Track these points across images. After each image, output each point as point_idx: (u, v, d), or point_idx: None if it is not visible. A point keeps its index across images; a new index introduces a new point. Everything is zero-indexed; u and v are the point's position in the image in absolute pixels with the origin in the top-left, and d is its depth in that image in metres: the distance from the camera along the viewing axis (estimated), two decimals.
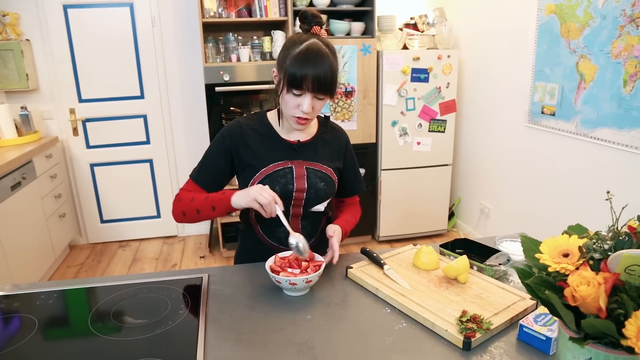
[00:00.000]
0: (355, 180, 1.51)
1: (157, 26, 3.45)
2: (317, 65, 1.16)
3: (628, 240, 0.72)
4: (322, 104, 1.25)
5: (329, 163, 1.39)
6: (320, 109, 1.26)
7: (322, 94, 1.21)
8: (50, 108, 3.43)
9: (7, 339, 1.02)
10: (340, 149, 1.43)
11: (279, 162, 1.32)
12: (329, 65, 1.18)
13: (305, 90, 1.19)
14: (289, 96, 1.21)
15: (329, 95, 1.23)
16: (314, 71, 1.16)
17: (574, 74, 2.48)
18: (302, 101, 1.20)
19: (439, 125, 3.51)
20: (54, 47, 3.32)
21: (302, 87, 1.18)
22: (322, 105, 1.25)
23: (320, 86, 1.18)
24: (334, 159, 1.41)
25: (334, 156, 1.41)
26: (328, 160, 1.39)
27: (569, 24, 2.48)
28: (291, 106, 1.22)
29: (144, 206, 3.80)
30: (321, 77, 1.17)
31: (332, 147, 1.41)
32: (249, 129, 1.35)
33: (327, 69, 1.17)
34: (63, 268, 3.36)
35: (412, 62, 3.33)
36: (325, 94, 1.21)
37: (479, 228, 3.59)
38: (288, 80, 1.18)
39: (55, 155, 3.33)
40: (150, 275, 1.31)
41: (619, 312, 0.65)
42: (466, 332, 0.96)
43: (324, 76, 1.17)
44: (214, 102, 3.22)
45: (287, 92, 1.21)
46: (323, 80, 1.17)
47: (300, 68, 1.16)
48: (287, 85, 1.19)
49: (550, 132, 2.70)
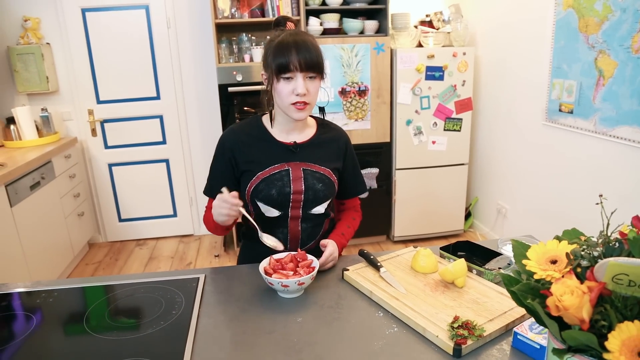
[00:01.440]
0: (355, 182, 1.48)
1: (172, 27, 3.49)
2: (297, 44, 1.19)
3: (619, 247, 0.68)
4: (316, 86, 1.25)
5: (327, 164, 1.37)
6: (316, 92, 1.26)
7: (312, 72, 1.21)
8: (70, 109, 3.51)
9: (10, 335, 1.04)
10: (339, 149, 1.42)
11: (276, 165, 1.32)
12: (309, 42, 1.21)
13: (295, 71, 1.19)
14: (281, 85, 1.22)
15: (318, 73, 1.23)
16: (296, 50, 1.18)
17: (592, 70, 2.39)
18: (295, 84, 1.21)
19: (455, 124, 3.44)
20: (72, 50, 3.40)
21: (290, 69, 1.19)
22: (315, 87, 1.25)
23: (307, 63, 1.19)
24: (333, 159, 1.40)
25: (333, 157, 1.40)
26: (326, 161, 1.37)
27: (588, 18, 2.39)
28: (286, 94, 1.22)
29: (161, 205, 3.86)
30: (305, 54, 1.19)
31: (331, 148, 1.40)
32: (242, 134, 1.35)
33: (309, 46, 1.20)
34: (82, 266, 3.44)
35: (427, 60, 3.27)
36: (314, 70, 1.22)
37: (496, 229, 3.51)
38: (275, 69, 1.20)
39: (74, 155, 3.41)
40: (147, 275, 1.32)
41: (603, 324, 0.61)
42: (457, 339, 0.93)
43: (308, 52, 1.19)
44: (228, 102, 3.24)
45: (278, 81, 1.22)
46: (308, 57, 1.19)
47: (283, 52, 1.19)
48: (276, 73, 1.21)
49: (568, 131, 2.62)
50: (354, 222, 1.49)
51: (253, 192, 1.32)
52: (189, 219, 3.93)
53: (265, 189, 1.30)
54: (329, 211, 1.43)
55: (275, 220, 1.35)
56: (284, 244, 1.38)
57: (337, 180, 1.40)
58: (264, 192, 1.30)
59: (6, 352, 0.99)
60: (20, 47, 3.24)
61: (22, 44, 3.28)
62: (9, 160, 2.73)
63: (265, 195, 1.30)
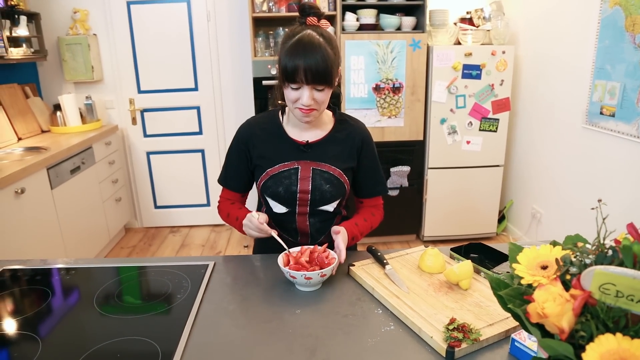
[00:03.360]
0: (372, 181, 1.43)
1: (212, 21, 3.56)
2: (307, 56, 1.14)
3: (611, 255, 0.65)
4: (325, 95, 1.21)
5: (339, 163, 1.34)
6: (324, 100, 1.22)
7: (319, 84, 1.18)
8: (112, 98, 3.67)
9: (19, 309, 1.11)
10: (353, 147, 1.37)
11: (286, 163, 1.32)
12: (320, 55, 1.15)
13: (301, 83, 1.17)
14: (288, 90, 1.21)
15: (326, 85, 1.19)
16: (305, 62, 1.14)
17: (637, 72, 2.26)
18: (301, 94, 1.19)
19: (491, 124, 3.34)
20: (117, 41, 3.54)
21: (296, 80, 1.16)
22: (324, 96, 1.21)
23: (314, 77, 1.16)
24: (346, 159, 1.36)
25: (345, 156, 1.36)
26: (338, 161, 1.34)
27: (635, 16, 2.25)
28: (292, 100, 1.21)
29: (195, 194, 3.97)
30: (313, 68, 1.14)
31: (345, 147, 1.36)
32: (257, 129, 1.36)
33: (319, 59, 1.15)
34: (117, 249, 3.59)
35: (464, 58, 3.19)
36: (322, 84, 1.18)
37: (530, 233, 3.39)
38: (283, 75, 1.18)
39: (114, 142, 3.56)
40: (159, 259, 1.36)
41: (582, 335, 0.58)
42: (450, 341, 0.91)
43: (316, 67, 1.15)
44: (262, 95, 3.28)
45: (286, 87, 1.20)
46: (315, 70, 1.15)
47: (291, 60, 1.15)
48: (283, 79, 1.19)
49: (608, 135, 2.48)
50: (372, 218, 1.42)
51: (262, 187, 1.34)
52: None
53: (273, 186, 1.31)
54: (340, 209, 1.41)
55: (283, 215, 1.36)
56: (294, 239, 1.39)
57: (348, 181, 1.37)
58: (272, 188, 1.32)
59: (19, 324, 1.05)
60: (69, 37, 3.41)
61: (71, 35, 3.45)
62: (52, 145, 2.89)
63: (272, 192, 1.32)
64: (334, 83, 1.22)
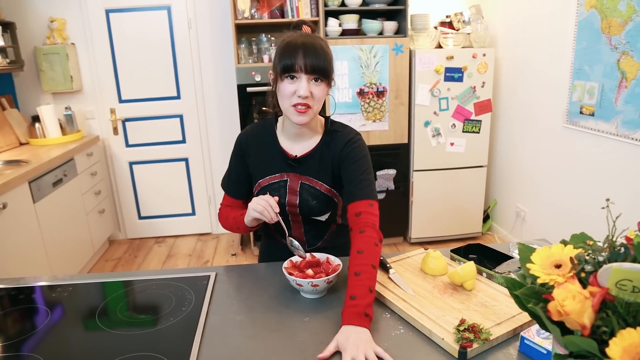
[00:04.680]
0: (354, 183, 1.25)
1: (193, 28, 3.54)
2: (305, 46, 1.15)
3: (624, 252, 0.67)
4: (321, 91, 1.19)
5: (326, 179, 1.32)
6: (320, 97, 1.20)
7: (317, 75, 1.17)
8: (93, 108, 3.60)
9: (19, 329, 1.08)
10: (334, 158, 1.30)
11: (275, 175, 1.33)
12: (319, 46, 1.17)
13: (299, 72, 1.15)
14: (284, 84, 1.18)
15: (323, 76, 1.18)
16: (304, 51, 1.15)
17: (614, 72, 2.33)
18: (298, 85, 1.16)
19: (474, 126, 3.40)
20: (96, 50, 3.48)
21: (294, 69, 1.15)
22: (320, 92, 1.19)
23: (313, 65, 1.15)
24: (330, 173, 1.32)
25: (330, 169, 1.31)
26: (325, 176, 1.32)
27: (610, 19, 2.34)
28: (288, 94, 1.18)
29: (180, 204, 3.92)
30: (312, 56, 1.15)
31: (327, 161, 1.31)
32: (254, 138, 1.36)
33: (318, 49, 1.16)
34: (102, 262, 3.52)
35: (446, 61, 3.25)
36: (319, 74, 1.17)
37: (515, 232, 3.46)
38: (280, 68, 1.16)
39: (96, 153, 3.49)
40: (160, 272, 1.34)
41: (604, 330, 0.60)
42: (462, 342, 0.92)
43: (315, 55, 1.15)
44: (246, 102, 3.27)
45: (282, 80, 1.18)
46: (314, 58, 1.15)
47: (290, 51, 1.15)
48: (281, 73, 1.17)
49: (589, 133, 2.56)
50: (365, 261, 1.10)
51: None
52: (207, 217, 3.98)
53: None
54: (334, 218, 1.40)
55: (277, 224, 1.35)
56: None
57: (338, 194, 1.35)
58: None
59: (23, 344, 1.02)
60: (46, 47, 3.34)
61: (48, 44, 3.38)
62: (33, 158, 2.82)
63: None
64: (330, 79, 1.22)
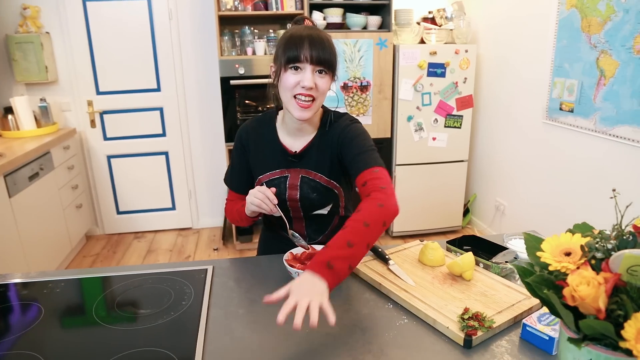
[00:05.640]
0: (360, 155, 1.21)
1: (174, 19, 3.47)
2: (312, 38, 1.14)
3: (632, 240, 0.70)
4: (325, 83, 1.17)
5: (326, 171, 1.30)
6: (324, 90, 1.18)
7: (322, 66, 1.15)
8: (69, 100, 3.49)
9: (15, 326, 1.04)
10: (333, 147, 1.28)
11: (275, 171, 1.32)
12: (324, 38, 1.16)
13: (304, 62, 1.14)
14: (287, 75, 1.16)
15: (328, 69, 1.16)
16: (309, 42, 1.13)
17: (593, 70, 2.41)
18: (303, 76, 1.14)
19: (455, 121, 3.46)
20: (72, 39, 3.37)
21: (300, 59, 1.13)
22: (324, 84, 1.17)
23: (318, 56, 1.13)
24: (330, 164, 1.30)
25: (328, 160, 1.30)
26: (324, 168, 1.30)
27: (590, 18, 2.41)
28: (291, 85, 1.15)
29: (160, 198, 3.85)
30: (318, 48, 1.13)
31: (327, 151, 1.29)
32: (254, 133, 1.35)
33: (324, 41, 1.15)
34: (79, 258, 3.43)
35: (429, 57, 3.28)
36: (324, 66, 1.15)
37: (494, 225, 3.54)
38: (285, 59, 1.15)
39: (72, 146, 3.39)
40: (155, 266, 1.32)
41: (619, 314, 0.63)
42: (467, 330, 0.94)
43: (321, 44, 1.14)
44: (229, 95, 3.23)
45: (286, 71, 1.16)
46: (321, 50, 1.13)
47: (295, 43, 1.14)
48: (285, 63, 1.15)
49: (568, 129, 2.64)
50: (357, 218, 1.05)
51: None
52: (187, 212, 3.92)
53: None
54: (336, 210, 1.39)
55: (279, 219, 1.35)
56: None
57: (339, 185, 1.33)
58: None
59: (6, 344, 0.99)
60: (19, 35, 3.22)
61: (21, 33, 3.25)
62: (7, 151, 2.72)
63: None
64: (334, 72, 1.20)
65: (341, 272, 0.95)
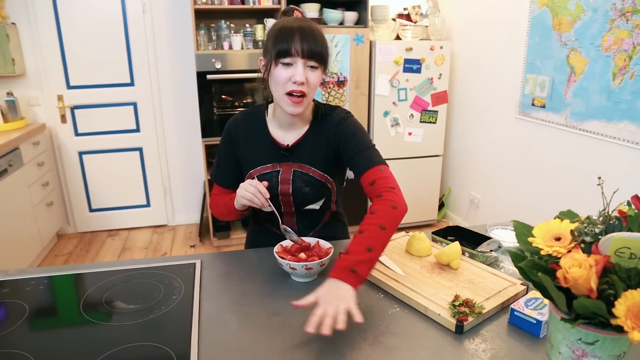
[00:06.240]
0: (362, 152, 1.24)
1: (148, 12, 3.40)
2: (302, 30, 1.12)
3: (618, 224, 0.74)
4: (316, 77, 1.16)
5: (319, 164, 1.30)
6: (315, 84, 1.17)
7: (314, 60, 1.14)
8: (38, 94, 3.37)
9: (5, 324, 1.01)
10: (329, 141, 1.29)
11: (267, 165, 1.30)
12: (316, 30, 1.15)
13: (295, 56, 1.12)
14: (278, 70, 1.14)
15: (320, 61, 1.15)
16: (300, 35, 1.11)
17: (564, 67, 2.50)
18: (294, 71, 1.13)
19: (431, 116, 3.52)
20: (41, 31, 3.26)
21: (291, 53, 1.11)
22: (316, 78, 1.16)
23: (310, 50, 1.12)
24: (325, 157, 1.30)
25: (324, 154, 1.29)
26: (318, 162, 1.30)
27: (561, 17, 2.49)
28: (283, 80, 1.14)
29: (134, 195, 3.77)
30: (310, 40, 1.11)
31: (321, 144, 1.29)
32: (244, 127, 1.33)
33: (315, 33, 1.13)
34: (51, 257, 3.33)
35: (405, 53, 3.33)
36: (316, 60, 1.14)
37: (469, 218, 3.63)
38: (276, 53, 1.12)
39: (42, 142, 3.28)
40: (142, 261, 1.30)
41: (609, 293, 0.66)
42: (459, 316, 0.97)
43: (313, 38, 1.12)
44: (206, 90, 3.19)
45: (276, 66, 1.14)
46: (312, 43, 1.12)
47: (285, 36, 1.12)
48: (275, 57, 1.13)
49: (540, 124, 2.73)
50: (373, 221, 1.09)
51: None
52: (162, 209, 3.86)
53: None
54: (328, 205, 1.38)
55: (270, 214, 1.34)
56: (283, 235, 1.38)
57: (332, 179, 1.33)
58: None
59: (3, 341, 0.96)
60: None
61: None
62: None
63: None
64: (326, 65, 1.20)
65: (364, 275, 1.00)
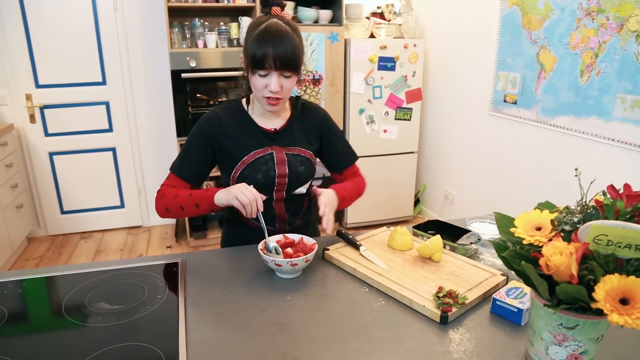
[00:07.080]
0: (344, 151, 1.51)
1: (120, 10, 3.33)
2: (276, 43, 1.17)
3: (595, 213, 0.77)
4: (291, 82, 1.26)
5: (307, 145, 1.41)
6: (290, 88, 1.27)
7: (287, 71, 1.21)
8: (4, 93, 3.26)
9: None
10: (316, 129, 1.44)
11: (259, 150, 1.34)
12: (289, 41, 1.19)
13: (270, 69, 1.20)
14: (255, 78, 1.23)
15: (294, 72, 1.23)
16: (274, 50, 1.17)
17: (534, 64, 2.57)
18: (269, 81, 1.21)
19: (405, 113, 3.57)
20: (6, 28, 3.15)
21: (265, 67, 1.19)
22: (291, 83, 1.26)
23: (283, 63, 1.19)
24: (312, 140, 1.43)
25: (311, 137, 1.43)
26: (306, 143, 1.41)
27: (531, 15, 2.57)
28: (260, 87, 1.23)
29: (107, 196, 3.69)
30: (282, 55, 1.18)
31: (309, 129, 1.42)
32: (226, 118, 1.35)
33: (288, 46, 1.18)
34: (21, 261, 3.23)
35: (379, 51, 3.36)
36: (290, 70, 1.21)
37: (444, 214, 3.69)
38: (251, 62, 1.20)
39: (10, 143, 3.17)
40: (124, 261, 1.28)
41: (589, 278, 0.69)
42: (443, 307, 0.99)
43: (285, 53, 1.18)
44: (180, 88, 3.15)
45: (253, 74, 1.23)
46: (284, 57, 1.18)
47: (260, 48, 1.18)
48: (251, 67, 1.21)
49: (512, 120, 2.80)
50: (357, 184, 1.52)
51: (239, 177, 1.32)
52: (137, 210, 3.79)
53: (252, 174, 1.31)
54: (309, 191, 1.47)
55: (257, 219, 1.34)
56: (273, 226, 1.41)
57: (316, 161, 1.45)
58: (250, 176, 1.31)
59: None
60: None
61: None
62: None
63: (251, 180, 1.31)
64: (300, 70, 1.26)
65: (343, 204, 1.42)
